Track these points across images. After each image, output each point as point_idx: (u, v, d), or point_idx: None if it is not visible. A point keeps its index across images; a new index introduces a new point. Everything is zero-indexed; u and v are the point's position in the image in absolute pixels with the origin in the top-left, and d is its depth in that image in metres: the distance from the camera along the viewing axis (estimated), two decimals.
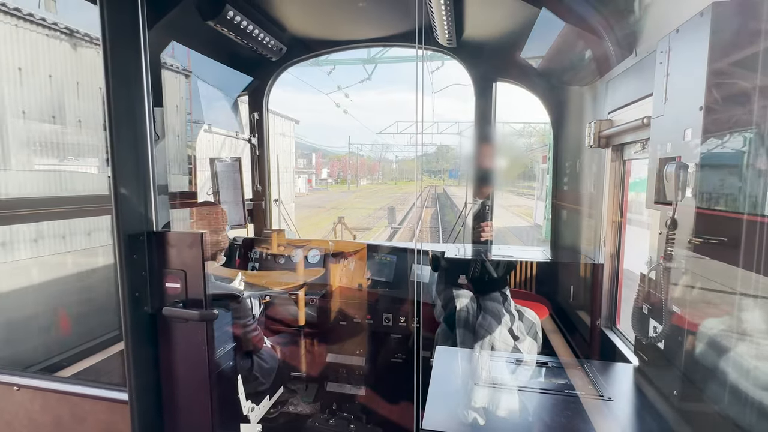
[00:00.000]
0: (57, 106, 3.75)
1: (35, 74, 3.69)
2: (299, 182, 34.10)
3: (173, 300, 1.32)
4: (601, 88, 2.32)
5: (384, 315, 2.79)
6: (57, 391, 1.46)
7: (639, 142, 1.88)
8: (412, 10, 2.72)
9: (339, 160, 59.28)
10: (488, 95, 3.12)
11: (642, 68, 1.84)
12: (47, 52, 3.84)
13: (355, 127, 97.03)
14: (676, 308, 1.32)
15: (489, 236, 2.77)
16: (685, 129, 1.27)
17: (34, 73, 3.68)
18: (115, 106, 1.21)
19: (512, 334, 2.21)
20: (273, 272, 3.10)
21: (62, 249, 2.98)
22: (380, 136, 49.25)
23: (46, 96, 3.77)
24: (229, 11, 2.45)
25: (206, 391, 1.35)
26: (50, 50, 3.86)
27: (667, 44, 1.40)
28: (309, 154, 52.57)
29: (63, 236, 3.05)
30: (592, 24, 2.14)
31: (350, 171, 56.21)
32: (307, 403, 2.87)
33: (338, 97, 49.66)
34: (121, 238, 1.23)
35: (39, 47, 3.76)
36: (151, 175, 1.29)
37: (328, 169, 58.32)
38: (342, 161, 57.44)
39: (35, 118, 3.58)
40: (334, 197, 37.70)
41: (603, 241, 2.25)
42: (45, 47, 3.80)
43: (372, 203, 31.07)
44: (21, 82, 3.61)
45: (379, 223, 18.35)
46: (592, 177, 2.43)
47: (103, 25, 1.20)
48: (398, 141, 51.27)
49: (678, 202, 1.27)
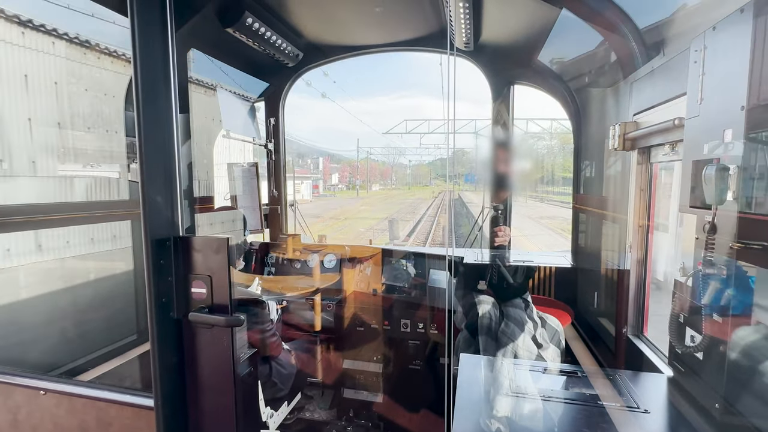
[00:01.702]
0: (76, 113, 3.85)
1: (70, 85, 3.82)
2: (302, 188, 31.72)
3: (199, 305, 1.32)
4: (624, 90, 2.27)
5: (402, 321, 2.76)
6: (83, 396, 1.46)
7: (668, 145, 1.83)
8: (429, 14, 2.71)
9: (350, 165, 58.78)
10: (505, 98, 3.08)
11: (671, 68, 1.79)
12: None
13: (365, 132, 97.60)
14: (717, 317, 1.26)
15: (503, 241, 2.72)
16: (724, 129, 1.22)
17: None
18: (144, 114, 1.21)
19: (535, 341, 2.16)
20: (289, 277, 3.10)
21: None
22: (393, 140, 48.36)
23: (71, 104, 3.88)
24: (248, 18, 2.47)
25: (231, 398, 1.34)
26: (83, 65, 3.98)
27: (702, 42, 1.36)
28: (316, 158, 52.08)
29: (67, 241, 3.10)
30: (616, 24, 2.10)
31: (359, 176, 55.18)
32: (323, 409, 2.84)
33: (350, 102, 49.42)
34: (149, 243, 1.23)
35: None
36: (177, 181, 1.29)
37: (338, 174, 57.94)
38: (353, 166, 56.97)
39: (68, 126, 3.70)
40: (338, 204, 35.25)
41: (629, 246, 2.19)
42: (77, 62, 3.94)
43: (379, 211, 28.47)
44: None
45: (379, 239, 15.19)
46: (617, 181, 2.37)
47: (133, 35, 1.22)
48: (409, 143, 50.33)
49: (718, 205, 1.21)
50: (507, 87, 3.04)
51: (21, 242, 2.74)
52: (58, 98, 3.45)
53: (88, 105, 3.52)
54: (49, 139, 3.17)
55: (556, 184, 5.36)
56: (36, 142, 3.10)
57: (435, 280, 2.80)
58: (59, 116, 3.21)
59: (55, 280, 2.70)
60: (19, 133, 2.94)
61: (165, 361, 1.29)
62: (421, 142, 29.00)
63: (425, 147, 38.22)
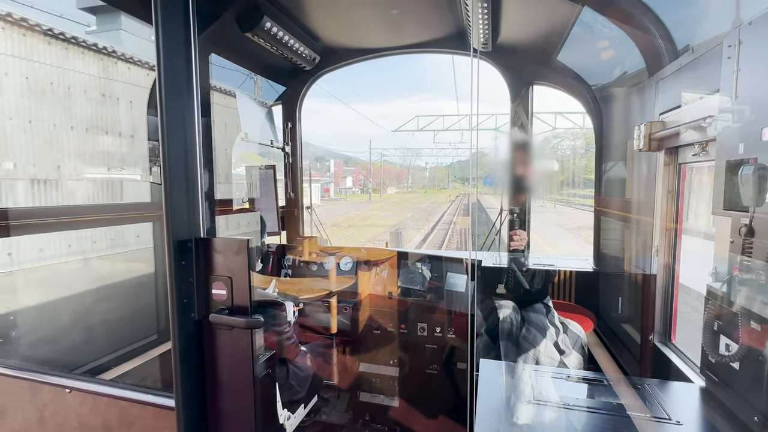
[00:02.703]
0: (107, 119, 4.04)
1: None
2: (310, 191, 30.52)
3: (219, 306, 1.33)
4: (649, 88, 2.20)
5: (419, 324, 2.73)
6: (106, 395, 1.49)
7: (698, 144, 1.76)
8: (446, 15, 2.69)
9: (364, 168, 57.69)
10: (524, 99, 3.03)
11: (700, 65, 1.72)
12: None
13: (380, 134, 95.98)
14: (755, 324, 1.19)
15: (519, 245, 2.66)
16: (762, 128, 1.16)
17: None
18: (167, 118, 1.23)
19: (558, 347, 2.10)
20: (306, 279, 3.10)
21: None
22: (408, 141, 47.03)
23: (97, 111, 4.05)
24: (267, 22, 2.51)
25: (250, 400, 1.34)
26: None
27: (736, 38, 1.30)
28: (328, 161, 51.25)
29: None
30: (641, 21, 2.04)
31: (371, 178, 52.46)
32: (339, 412, 2.83)
33: (366, 106, 48.71)
34: (171, 244, 1.24)
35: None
36: (199, 183, 1.31)
37: (352, 177, 57.38)
38: (366, 168, 55.89)
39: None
40: (347, 209, 31.75)
41: (655, 249, 2.11)
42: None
43: (388, 217, 24.97)
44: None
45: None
46: (642, 182, 2.29)
47: (157, 43, 1.24)
48: (423, 143, 48.80)
49: (756, 207, 1.15)
50: (526, 87, 2.99)
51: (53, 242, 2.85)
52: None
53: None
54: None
55: (585, 186, 5.04)
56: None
57: (453, 283, 2.76)
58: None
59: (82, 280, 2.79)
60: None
61: (186, 363, 1.30)
62: (435, 140, 26.15)
63: (440, 146, 37.01)
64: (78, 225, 2.40)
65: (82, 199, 3.91)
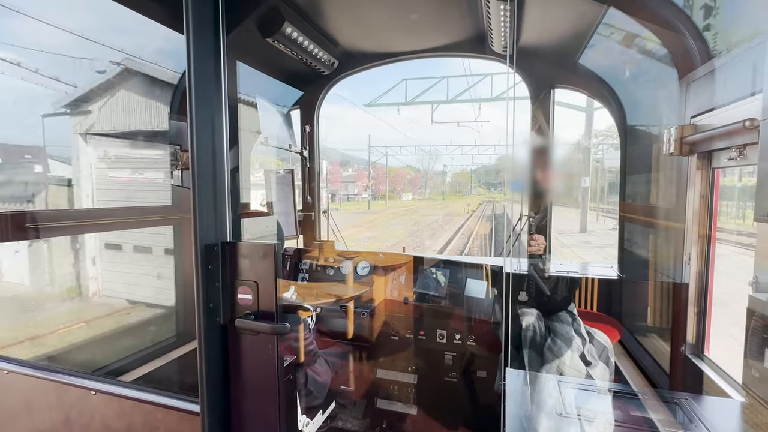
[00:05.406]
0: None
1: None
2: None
3: (245, 311, 1.32)
4: (680, 91, 2.13)
5: (438, 331, 2.68)
6: (131, 398, 1.49)
7: (734, 148, 1.69)
8: (466, 19, 2.67)
9: (372, 169, 51.12)
10: (544, 102, 2.98)
11: (736, 65, 1.66)
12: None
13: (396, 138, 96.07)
14: None
15: (536, 250, 2.60)
16: None
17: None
18: (196, 124, 1.24)
19: (584, 359, 2.03)
20: (323, 284, 3.10)
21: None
22: (423, 138, 44.12)
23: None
24: (287, 27, 2.52)
25: (274, 406, 1.32)
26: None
27: None
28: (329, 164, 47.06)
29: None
30: (671, 21, 1.98)
31: (372, 183, 45.66)
32: (356, 419, 2.80)
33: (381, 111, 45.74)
34: (198, 248, 1.24)
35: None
36: (226, 187, 1.31)
37: (356, 182, 49.37)
38: (374, 169, 46.04)
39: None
40: (333, 223, 23.62)
41: (687, 257, 2.03)
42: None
43: (383, 236, 17.87)
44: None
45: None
46: (671, 187, 2.22)
47: (188, 50, 1.26)
48: (439, 145, 45.28)
49: None
50: (547, 91, 2.94)
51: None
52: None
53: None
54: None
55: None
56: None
57: (473, 289, 2.71)
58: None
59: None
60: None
61: (211, 367, 1.29)
62: (432, 119, 18.20)
63: (462, 152, 35.34)
64: (102, 227, 2.44)
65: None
